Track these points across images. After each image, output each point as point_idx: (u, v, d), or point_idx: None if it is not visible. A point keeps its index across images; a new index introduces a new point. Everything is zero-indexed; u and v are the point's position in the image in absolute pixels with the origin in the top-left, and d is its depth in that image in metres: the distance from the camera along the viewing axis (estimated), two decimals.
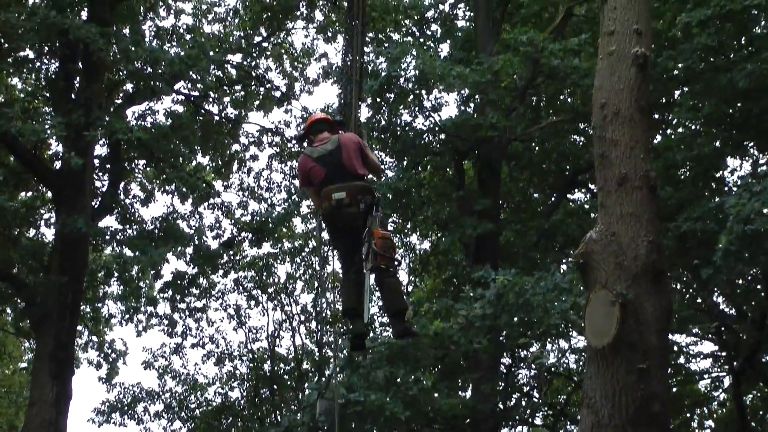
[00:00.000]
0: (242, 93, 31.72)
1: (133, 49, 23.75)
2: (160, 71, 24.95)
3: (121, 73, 28.13)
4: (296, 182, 31.19)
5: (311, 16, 31.79)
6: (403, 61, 22.18)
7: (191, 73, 25.51)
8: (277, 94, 32.05)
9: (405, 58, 22.34)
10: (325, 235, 11.40)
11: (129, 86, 28.99)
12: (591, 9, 24.93)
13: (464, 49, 26.51)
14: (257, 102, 32.27)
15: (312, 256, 35.68)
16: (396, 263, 10.60)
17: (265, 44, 32.01)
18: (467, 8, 27.97)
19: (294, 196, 29.24)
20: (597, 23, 12.20)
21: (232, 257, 34.00)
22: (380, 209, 10.60)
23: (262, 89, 32.04)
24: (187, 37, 28.37)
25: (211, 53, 26.15)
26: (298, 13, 31.52)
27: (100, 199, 27.45)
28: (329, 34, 31.68)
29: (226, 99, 31.50)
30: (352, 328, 10.84)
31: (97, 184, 28.12)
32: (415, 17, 28.37)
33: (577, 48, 21.22)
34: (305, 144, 11.19)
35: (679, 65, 19.56)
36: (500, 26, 26.58)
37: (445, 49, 28.36)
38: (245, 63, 31.15)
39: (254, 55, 31.43)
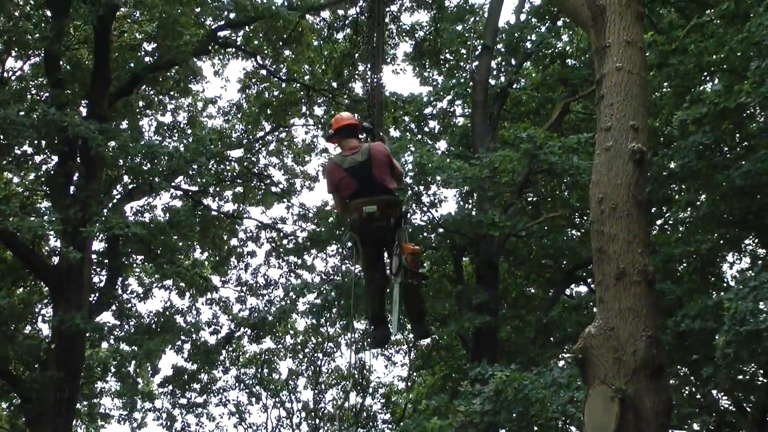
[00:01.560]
0: (242, 188, 31.84)
1: (131, 144, 23.86)
2: (159, 167, 25.04)
3: (119, 169, 28.19)
4: (293, 278, 31.21)
5: (311, 111, 32.03)
6: (401, 156, 22.25)
7: (190, 170, 25.60)
8: (274, 188, 32.17)
9: (403, 153, 22.42)
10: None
11: (127, 179, 29.06)
12: (587, 106, 25.11)
13: (461, 144, 26.65)
14: (257, 197, 32.40)
15: (315, 351, 35.78)
16: (424, 278, 11.07)
17: (267, 138, 32.25)
18: (465, 105, 28.15)
19: (291, 293, 28.83)
20: (594, 120, 12.24)
21: (231, 353, 33.84)
22: (408, 222, 11.05)
23: (261, 184, 32.16)
24: (188, 131, 28.51)
25: (212, 146, 26.16)
26: (300, 108, 31.76)
27: (97, 294, 27.34)
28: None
29: (228, 193, 31.67)
30: (375, 332, 11.20)
31: (95, 279, 28.05)
32: (414, 114, 28.50)
33: (575, 146, 21.28)
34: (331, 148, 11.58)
35: (676, 162, 19.62)
36: (497, 122, 26.75)
37: (442, 145, 28.56)
38: (246, 158, 31.25)
39: (255, 150, 31.59)
